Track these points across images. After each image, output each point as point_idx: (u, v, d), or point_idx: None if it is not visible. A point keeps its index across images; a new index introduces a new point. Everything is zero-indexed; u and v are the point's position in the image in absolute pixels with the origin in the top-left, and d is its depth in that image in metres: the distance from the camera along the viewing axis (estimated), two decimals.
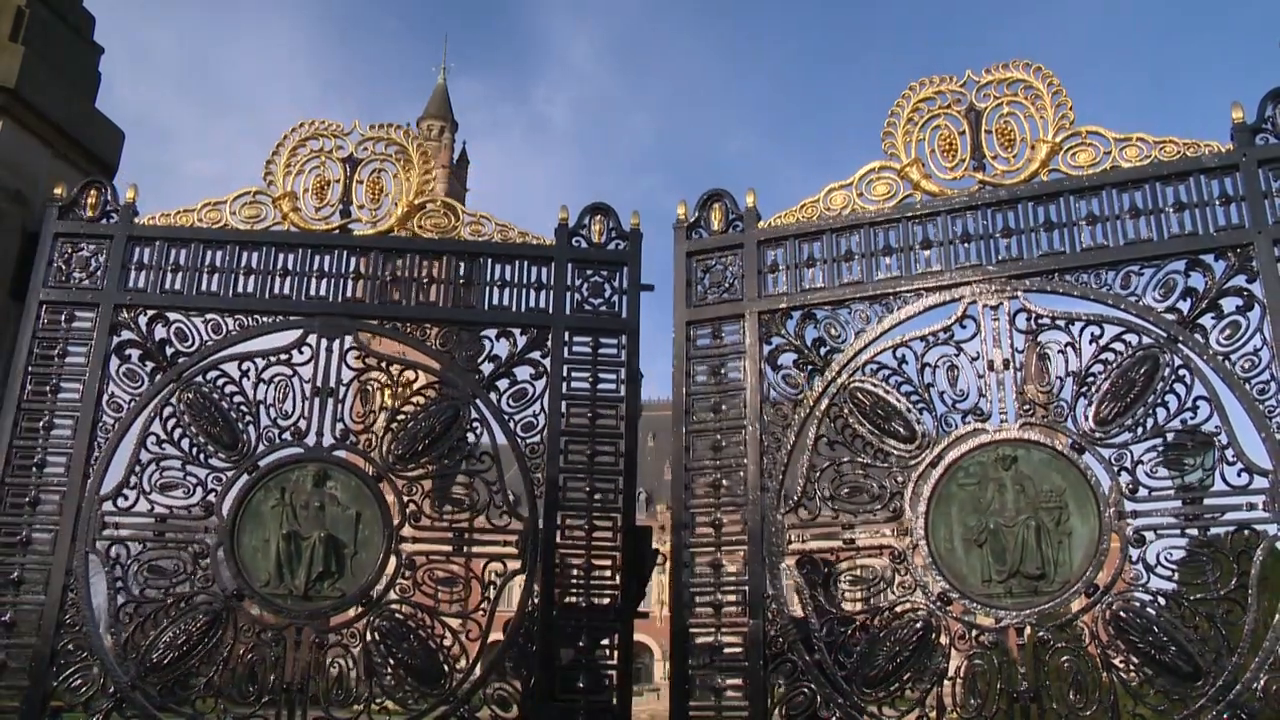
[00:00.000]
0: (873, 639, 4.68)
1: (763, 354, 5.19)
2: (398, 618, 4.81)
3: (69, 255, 5.20)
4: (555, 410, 5.16)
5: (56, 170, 5.80)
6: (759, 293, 5.25)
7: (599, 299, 5.39)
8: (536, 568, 4.95)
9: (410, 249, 5.34)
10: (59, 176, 5.72)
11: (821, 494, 4.92)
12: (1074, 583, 4.37)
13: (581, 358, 5.29)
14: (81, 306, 5.12)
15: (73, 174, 5.90)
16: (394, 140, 5.43)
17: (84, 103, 6.15)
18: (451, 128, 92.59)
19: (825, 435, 4.96)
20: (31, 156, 5.67)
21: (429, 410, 5.09)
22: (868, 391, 4.90)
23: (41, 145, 5.78)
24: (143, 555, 4.79)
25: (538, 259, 5.40)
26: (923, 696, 4.50)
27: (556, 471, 5.07)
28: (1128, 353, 4.51)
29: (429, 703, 4.71)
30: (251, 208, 5.32)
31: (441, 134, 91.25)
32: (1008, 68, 5.05)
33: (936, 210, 5.04)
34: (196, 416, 4.92)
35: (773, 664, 4.75)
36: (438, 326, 5.25)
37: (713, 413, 5.23)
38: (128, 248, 5.28)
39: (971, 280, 4.87)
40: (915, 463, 4.76)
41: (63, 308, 5.07)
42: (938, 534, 4.65)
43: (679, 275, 5.44)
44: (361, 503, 4.89)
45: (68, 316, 5.07)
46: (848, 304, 5.10)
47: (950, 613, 4.58)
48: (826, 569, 4.88)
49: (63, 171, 5.84)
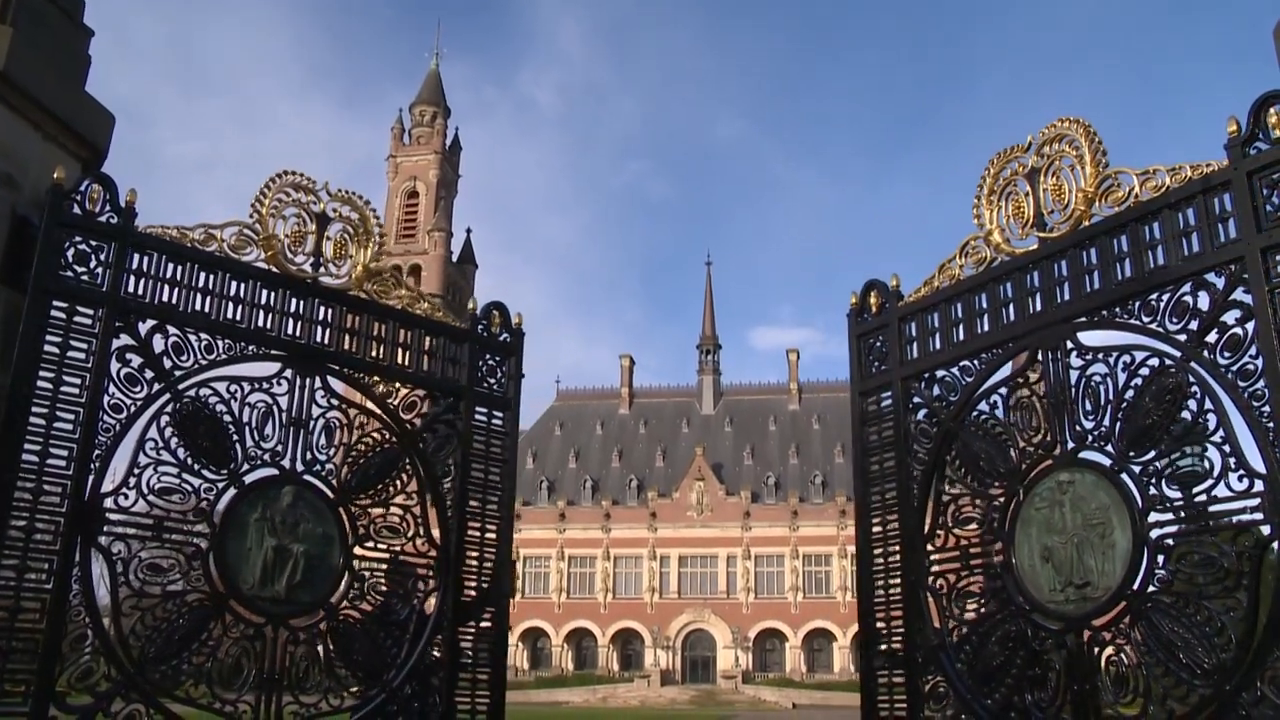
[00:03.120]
0: (981, 643, 5.44)
1: (905, 413, 6.06)
2: (349, 622, 5.63)
3: (69, 247, 5.17)
4: (463, 465, 6.17)
5: (47, 154, 5.77)
6: (900, 361, 6.16)
7: (493, 379, 6.52)
8: (448, 586, 6.00)
9: (366, 309, 6.07)
10: (49, 160, 5.69)
11: (946, 523, 5.78)
12: (1115, 590, 4.83)
13: (480, 425, 6.34)
14: (83, 302, 5.10)
15: (63, 158, 5.86)
16: (356, 207, 6.09)
17: (74, 86, 6.13)
18: (444, 113, 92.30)
19: (949, 475, 5.84)
20: (21, 139, 5.65)
21: (376, 450, 5.92)
22: (972, 435, 5.69)
23: (31, 128, 5.75)
24: (142, 553, 5.07)
25: (455, 337, 6.41)
26: (1016, 695, 5.21)
27: (462, 513, 6.15)
28: (1151, 376, 4.90)
29: (373, 691, 5.61)
30: (240, 239, 5.68)
31: (434, 119, 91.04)
32: (1056, 125, 5.53)
33: (1010, 270, 5.68)
34: (191, 429, 5.26)
35: (925, 662, 5.71)
36: (382, 379, 6.08)
37: (878, 465, 6.22)
38: (129, 252, 5.29)
39: (1037, 328, 5.47)
40: (1006, 493, 5.46)
41: (65, 300, 5.05)
42: (1022, 553, 5.30)
43: (852, 353, 6.53)
44: (326, 523, 5.63)
45: (68, 310, 5.05)
46: (957, 362, 5.87)
47: (1032, 619, 5.21)
48: (952, 585, 5.69)
49: (53, 155, 5.81)
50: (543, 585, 72.70)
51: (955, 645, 5.56)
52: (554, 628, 71.38)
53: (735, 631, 67.97)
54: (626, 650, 71.55)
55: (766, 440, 76.52)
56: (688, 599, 70.28)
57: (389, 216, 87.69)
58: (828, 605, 68.41)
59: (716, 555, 70.91)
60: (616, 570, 72.09)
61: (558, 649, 71.12)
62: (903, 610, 5.87)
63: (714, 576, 70.77)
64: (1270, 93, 4.63)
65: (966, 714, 5.42)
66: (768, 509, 71.10)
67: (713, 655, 69.11)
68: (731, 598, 69.72)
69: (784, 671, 67.34)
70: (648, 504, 72.90)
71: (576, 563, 72.77)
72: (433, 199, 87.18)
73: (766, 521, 70.56)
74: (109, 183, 5.50)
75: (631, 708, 54.18)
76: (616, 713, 45.61)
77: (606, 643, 70.53)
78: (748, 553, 70.29)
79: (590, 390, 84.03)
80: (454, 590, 5.98)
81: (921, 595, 5.78)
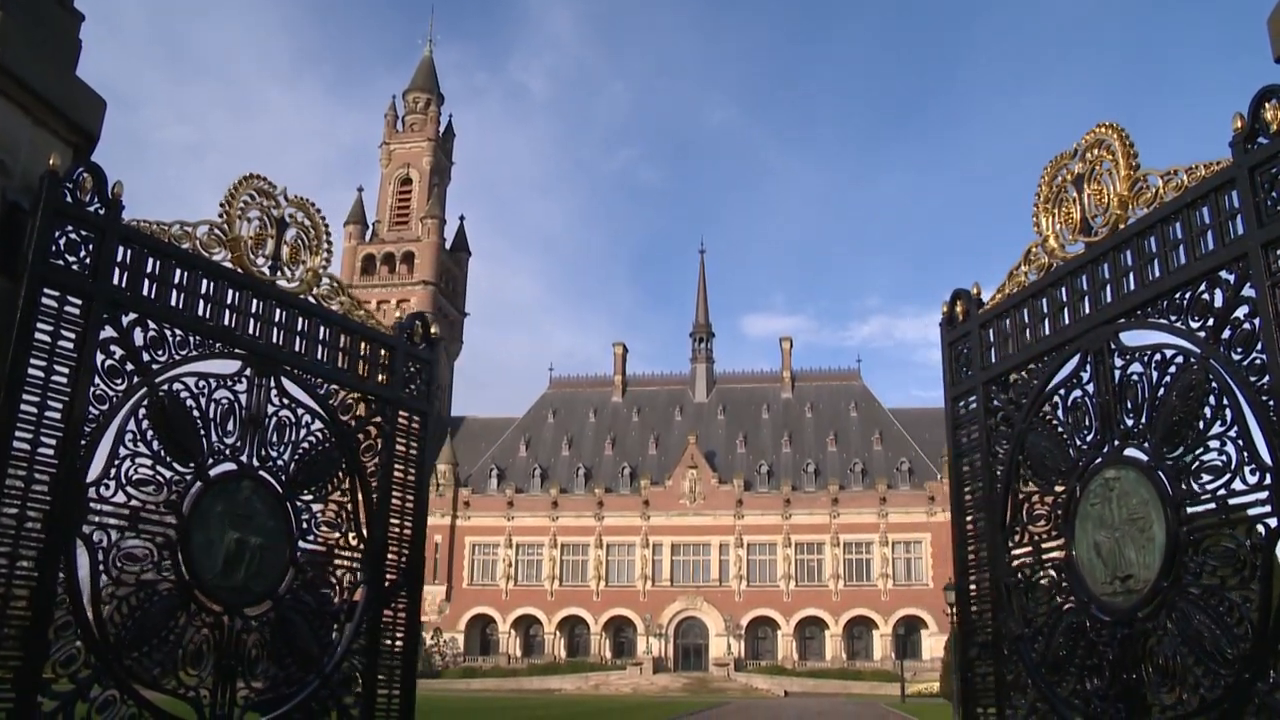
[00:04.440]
0: (1050, 634, 5.68)
1: (986, 416, 6.43)
2: (293, 612, 5.85)
3: (61, 236, 5.14)
4: (387, 465, 6.60)
5: (38, 139, 5.71)
6: (981, 366, 6.51)
7: (414, 385, 6.96)
8: (373, 578, 6.39)
9: (314, 313, 6.34)
10: (40, 145, 5.63)
11: (1022, 520, 6.05)
12: (1153, 582, 5.00)
13: (402, 428, 6.78)
14: (72, 292, 5.10)
15: (55, 143, 5.80)
16: (309, 214, 6.35)
17: (65, 70, 6.06)
18: (437, 100, 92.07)
19: (1022, 474, 6.10)
20: (10, 124, 5.59)
21: (318, 449, 6.20)
22: (1038, 435, 5.95)
23: (21, 113, 5.69)
24: (121, 542, 5.16)
25: (386, 345, 6.81)
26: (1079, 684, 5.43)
27: (386, 511, 6.54)
28: (1178, 373, 5.08)
29: (310, 677, 5.89)
30: (210, 239, 5.82)
31: (428, 107, 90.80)
32: (1095, 131, 5.72)
33: (1063, 275, 5.89)
34: (165, 423, 5.40)
35: (1009, 653, 5.98)
36: (326, 381, 6.36)
37: (968, 466, 6.59)
38: (114, 244, 5.29)
39: (1086, 330, 5.67)
40: (1066, 490, 5.69)
41: (56, 289, 5.04)
42: (1081, 548, 5.52)
43: (945, 360, 6.94)
44: (276, 517, 5.86)
45: (59, 300, 5.04)
46: (1025, 366, 6.16)
47: (1089, 612, 5.42)
48: (1027, 579, 5.97)
49: (45, 140, 5.75)
50: (535, 573, 72.85)
51: (1030, 636, 5.83)
52: (546, 615, 71.56)
53: (727, 619, 68.22)
54: (619, 638, 71.76)
55: (759, 428, 76.68)
56: (680, 587, 70.49)
57: (382, 204, 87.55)
58: (820, 593, 68.69)
59: (709, 543, 71.10)
60: (609, 558, 72.25)
61: (550, 636, 71.31)
62: (991, 603, 6.19)
63: (706, 564, 70.98)
64: (1268, 87, 4.66)
65: (1042, 702, 5.65)
66: (760, 497, 71.28)
67: (705, 643, 69.38)
68: (724, 586, 69.94)
69: (776, 659, 67.65)
70: (640, 492, 73.01)
71: (569, 550, 72.90)
72: (426, 186, 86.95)
73: (759, 510, 70.76)
74: (99, 172, 5.47)
75: (623, 695, 54.34)
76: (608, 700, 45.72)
77: (599, 630, 70.73)
78: (740, 541, 70.49)
79: (583, 378, 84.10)
80: (378, 582, 6.40)
81: (1003, 589, 6.10)
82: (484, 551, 73.84)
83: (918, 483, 69.95)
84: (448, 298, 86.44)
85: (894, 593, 67.95)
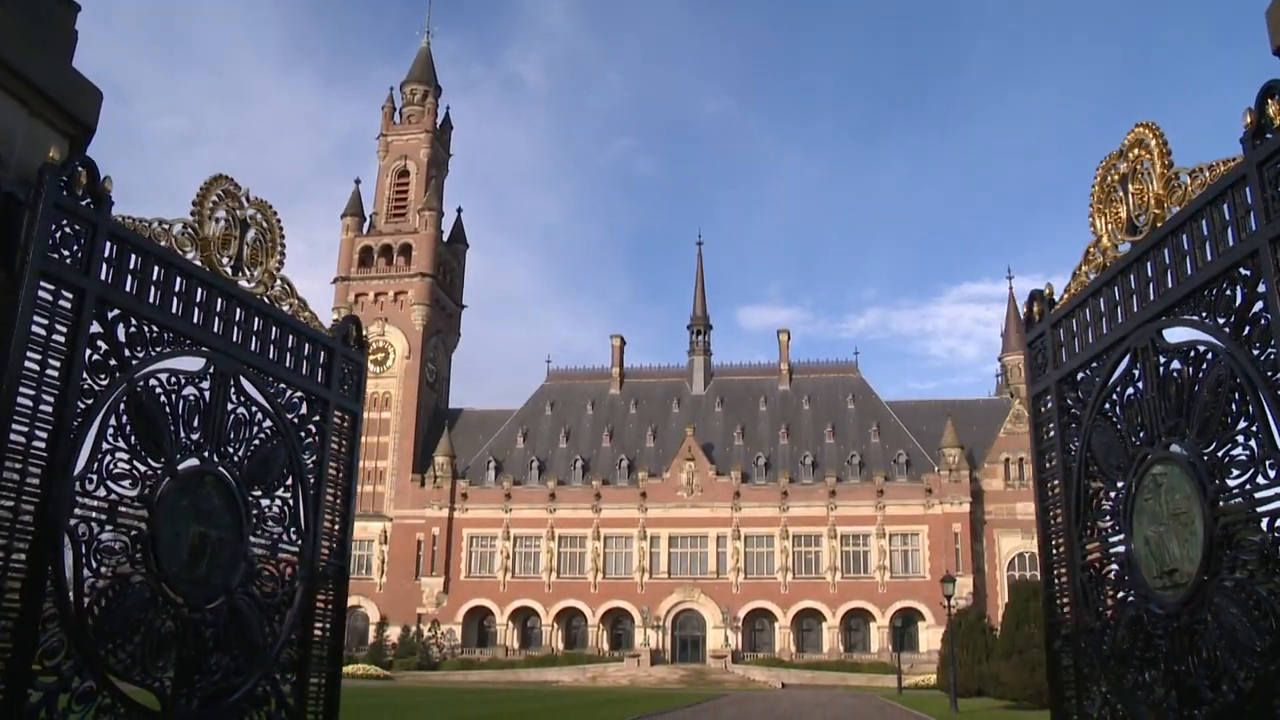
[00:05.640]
0: (1115, 627, 5.83)
1: (1060, 414, 6.59)
2: (242, 605, 6.04)
3: (56, 230, 5.14)
4: (322, 463, 6.86)
5: (33, 129, 5.68)
6: (1054, 365, 6.71)
7: (346, 386, 7.25)
8: (309, 572, 6.63)
9: (269, 314, 6.56)
10: (36, 136, 5.60)
11: (1091, 515, 6.21)
12: (1194, 576, 5.08)
13: (336, 427, 7.06)
14: (66, 286, 5.12)
15: (51, 134, 5.77)
16: (267, 215, 6.58)
17: (61, 60, 6.03)
18: (435, 92, 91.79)
19: (1090, 471, 6.24)
20: (6, 115, 5.55)
21: (268, 446, 6.44)
22: (1100, 433, 6.10)
23: (17, 104, 5.65)
24: (101, 535, 5.24)
25: (325, 347, 7.08)
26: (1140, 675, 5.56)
27: (319, 507, 6.81)
28: (1208, 370, 5.15)
29: (255, 667, 6.10)
30: (184, 237, 5.94)
31: (425, 99, 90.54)
32: (1136, 130, 5.81)
33: (1114, 275, 6.03)
34: (141, 419, 5.50)
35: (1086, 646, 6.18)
36: (275, 379, 6.57)
37: (1048, 464, 6.76)
38: (103, 239, 5.31)
39: (1134, 328, 5.78)
40: (1125, 485, 5.81)
41: (51, 282, 5.04)
42: (1137, 542, 5.66)
43: (1025, 360, 7.18)
44: (232, 512, 6.04)
45: (54, 293, 5.05)
46: (1089, 365, 6.31)
47: (1146, 605, 5.51)
48: (1098, 574, 6.13)
49: (40, 131, 5.72)
50: (533, 565, 72.92)
51: (1100, 630, 6.03)
52: (544, 607, 71.65)
53: (725, 611, 68.33)
54: (616, 630, 71.86)
55: (757, 421, 76.72)
56: (677, 579, 70.57)
57: (380, 196, 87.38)
58: (817, 585, 68.80)
59: (706, 535, 71.18)
60: (607, 550, 72.33)
61: (548, 628, 71.40)
62: (1070, 597, 6.39)
63: (704, 556, 71.05)
64: (1271, 82, 4.68)
65: (1112, 694, 5.84)
66: (757, 489, 71.36)
67: (702, 635, 69.49)
68: (721, 578, 70.03)
69: (773, 651, 67.80)
70: (638, 484, 73.06)
71: (567, 542, 72.96)
72: (423, 178, 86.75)
73: (756, 502, 70.83)
74: (91, 166, 5.47)
75: (621, 687, 54.43)
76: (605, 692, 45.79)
77: (596, 622, 70.83)
78: (737, 533, 70.58)
79: (581, 370, 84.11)
80: (312, 576, 6.71)
81: (1079, 583, 6.29)
82: (482, 544, 73.88)
83: (915, 475, 69.98)
84: (445, 290, 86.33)
85: (891, 585, 68.05)
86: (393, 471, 77.91)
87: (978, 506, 68.51)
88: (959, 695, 31.66)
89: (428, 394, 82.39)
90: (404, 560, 74.86)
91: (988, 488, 69.29)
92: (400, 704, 28.34)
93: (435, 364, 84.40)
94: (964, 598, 61.41)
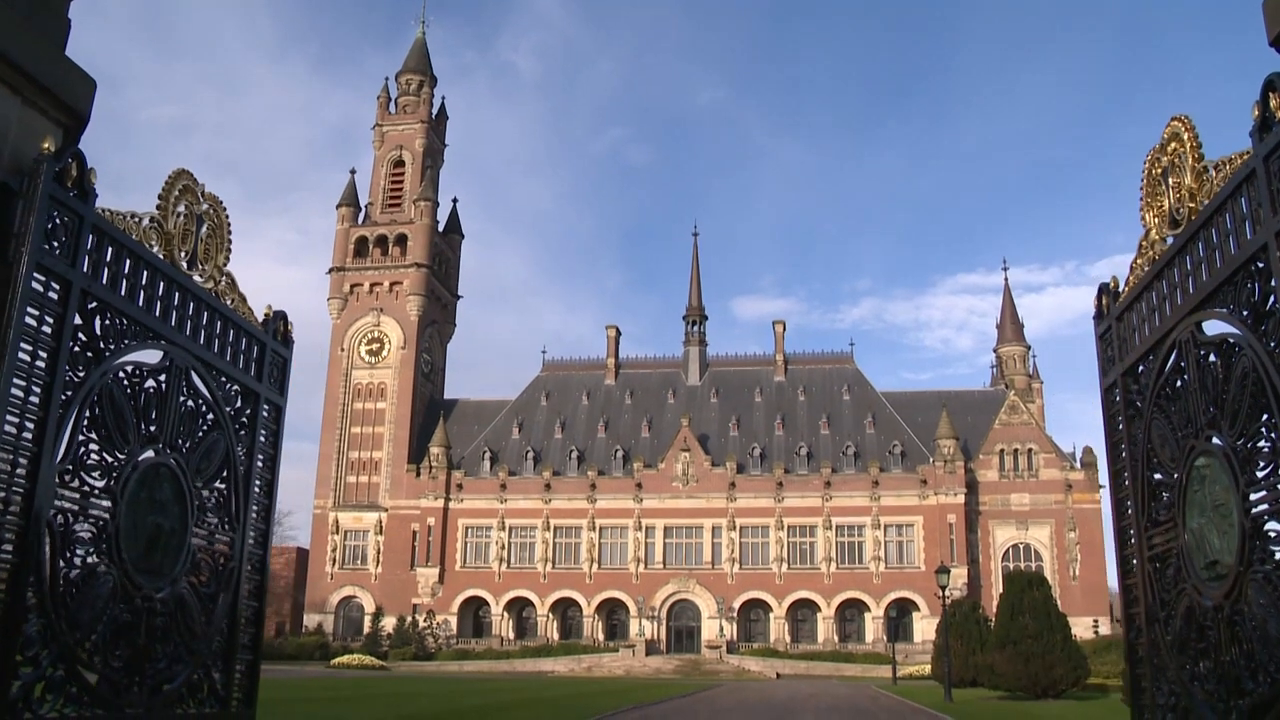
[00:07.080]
0: (1173, 616, 5.92)
1: (1126, 407, 6.64)
2: (183, 593, 6.15)
3: (48, 221, 5.10)
4: (251, 454, 7.02)
5: (27, 119, 5.63)
6: (1119, 358, 6.78)
7: (273, 379, 7.41)
8: (240, 561, 6.88)
9: (217, 308, 6.68)
10: (29, 125, 5.55)
11: (1153, 506, 6.29)
12: (1233, 567, 5.12)
13: (265, 419, 7.26)
14: (55, 278, 5.08)
15: (44, 124, 5.72)
16: (218, 212, 6.72)
17: (54, 49, 5.98)
18: (430, 82, 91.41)
19: (1151, 462, 6.30)
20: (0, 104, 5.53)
21: (210, 438, 6.56)
22: (1156, 425, 6.18)
23: (10, 93, 5.60)
24: (75, 525, 5.28)
25: (258, 341, 7.25)
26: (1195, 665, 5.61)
27: (248, 497, 7.02)
28: (1236, 362, 5.17)
29: (198, 653, 6.27)
30: (150, 230, 6.03)
31: (420, 88, 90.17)
32: (1172, 125, 5.87)
33: (1161, 268, 6.08)
34: (111, 411, 5.57)
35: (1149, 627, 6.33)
36: (219, 373, 6.70)
37: (1118, 454, 6.85)
38: (88, 232, 5.30)
39: (1177, 322, 5.83)
40: (1178, 477, 5.83)
41: (43, 274, 5.01)
42: (1189, 532, 5.69)
43: (1099, 353, 7.28)
44: (180, 503, 6.14)
45: (44, 284, 5.02)
46: (1146, 358, 6.37)
47: (1197, 596, 5.57)
48: (1160, 563, 6.17)
49: (34, 121, 5.66)
50: (528, 555, 72.94)
51: (1165, 619, 6.12)
52: (539, 598, 71.69)
53: (720, 602, 68.42)
54: (611, 620, 71.94)
55: (752, 411, 76.72)
56: (673, 569, 70.65)
57: (375, 186, 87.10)
58: (812, 576, 68.92)
59: (701, 526, 71.23)
60: (602, 541, 72.36)
61: (543, 619, 71.47)
62: (1140, 589, 6.50)
63: (699, 547, 71.12)
64: (1273, 76, 4.67)
65: (1175, 681, 5.92)
66: (753, 480, 71.40)
67: (697, 625, 69.61)
68: (716, 568, 70.12)
69: (768, 642, 67.93)
70: (633, 474, 73.04)
71: (562, 533, 72.98)
72: (419, 168, 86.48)
73: (751, 492, 70.88)
74: (81, 158, 5.43)
75: (616, 677, 54.49)
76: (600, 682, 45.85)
77: (591, 613, 70.91)
78: (733, 524, 70.64)
79: (576, 361, 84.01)
80: (240, 566, 6.88)
81: (1146, 573, 6.38)
82: (477, 534, 73.87)
83: (910, 466, 70.06)
84: (440, 280, 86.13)
85: (886, 575, 68.20)
86: (388, 462, 77.86)
87: (972, 497, 68.64)
88: (954, 685, 31.73)
89: (423, 384, 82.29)
90: (399, 550, 74.89)
91: (982, 479, 69.42)
92: (396, 693, 28.36)
93: (430, 355, 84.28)
94: (958, 588, 61.57)
